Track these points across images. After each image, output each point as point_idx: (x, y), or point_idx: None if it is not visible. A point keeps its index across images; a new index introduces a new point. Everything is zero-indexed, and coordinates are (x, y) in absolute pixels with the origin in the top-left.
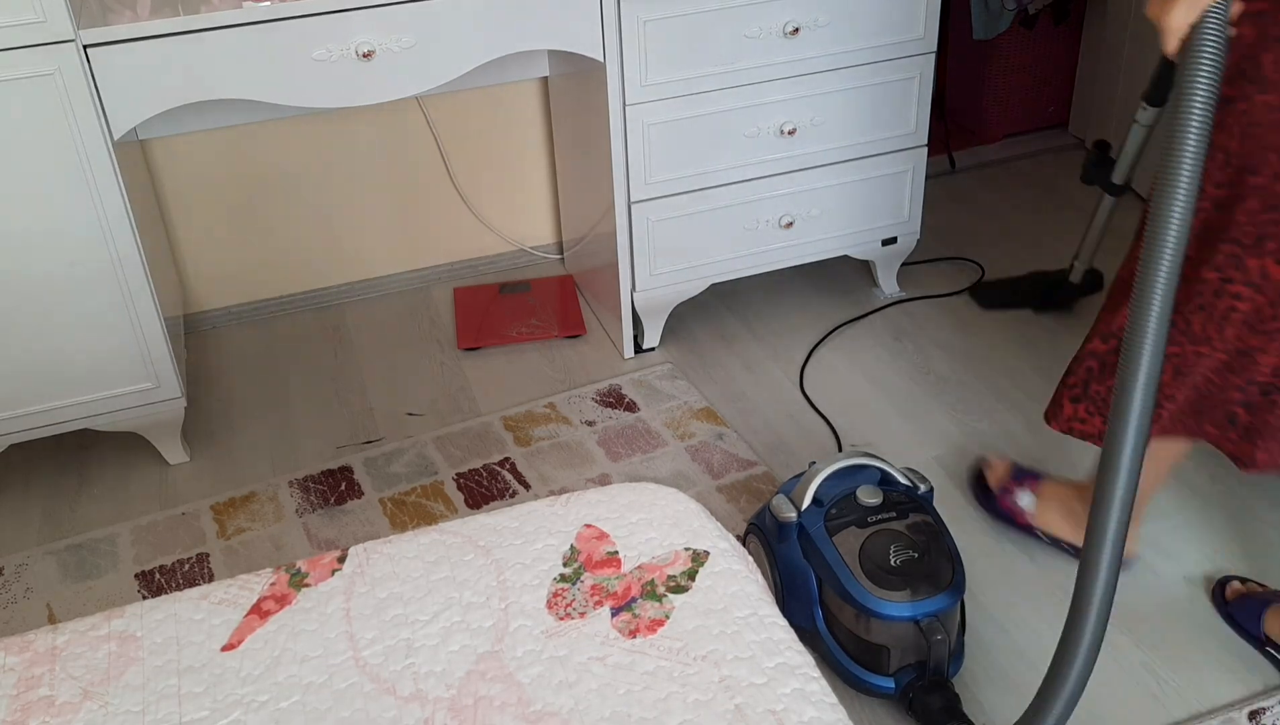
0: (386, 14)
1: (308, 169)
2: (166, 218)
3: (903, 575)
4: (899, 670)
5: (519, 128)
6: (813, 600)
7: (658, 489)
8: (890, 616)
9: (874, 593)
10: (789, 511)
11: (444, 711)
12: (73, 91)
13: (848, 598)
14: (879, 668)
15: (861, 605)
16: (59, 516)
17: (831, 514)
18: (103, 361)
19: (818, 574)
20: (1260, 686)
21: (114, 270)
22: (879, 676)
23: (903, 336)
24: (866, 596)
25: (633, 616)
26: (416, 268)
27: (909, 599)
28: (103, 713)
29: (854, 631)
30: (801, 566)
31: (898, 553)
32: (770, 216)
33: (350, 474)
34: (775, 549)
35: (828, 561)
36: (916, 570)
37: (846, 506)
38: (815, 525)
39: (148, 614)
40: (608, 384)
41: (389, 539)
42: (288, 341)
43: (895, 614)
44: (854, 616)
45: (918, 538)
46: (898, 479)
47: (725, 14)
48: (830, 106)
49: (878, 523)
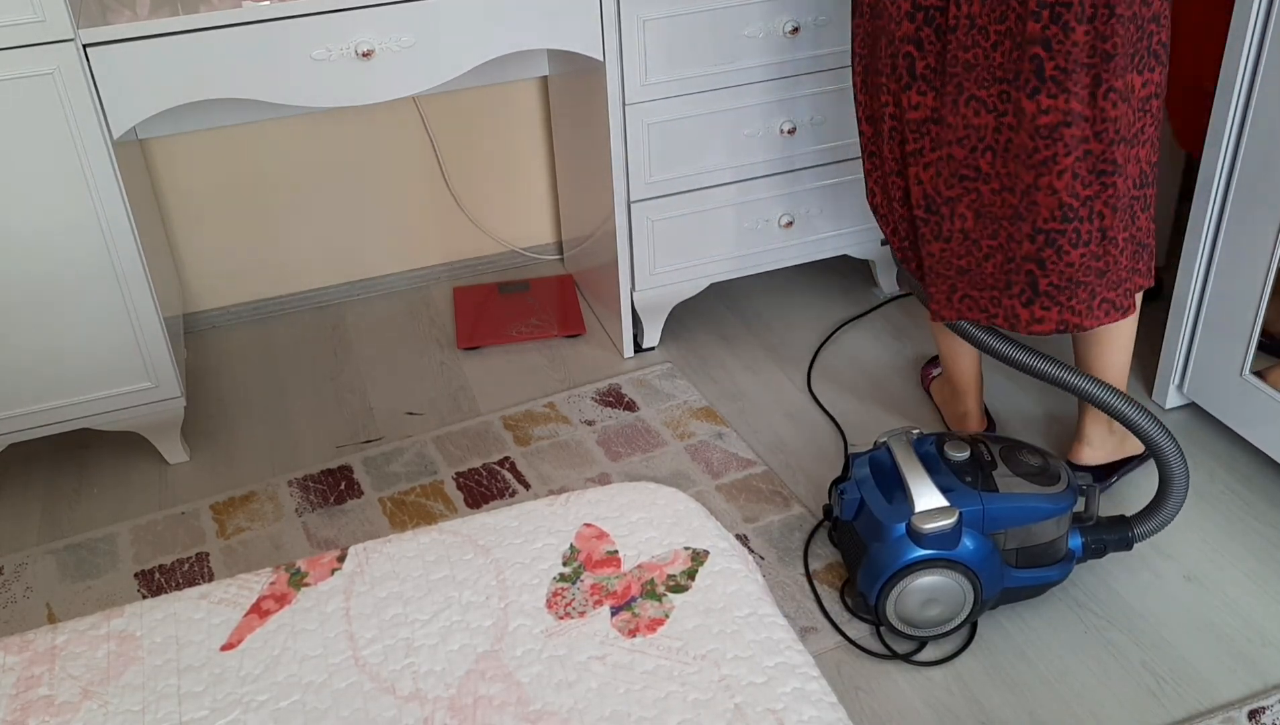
0: (386, 13)
1: (307, 169)
2: (166, 218)
3: (1044, 465)
4: (1068, 538)
5: (518, 127)
6: (999, 564)
7: (657, 488)
8: (1074, 497)
9: (1064, 490)
10: (946, 517)
11: (443, 711)
12: (72, 91)
13: (1055, 513)
14: (1064, 552)
15: (1067, 508)
16: (58, 516)
17: (970, 482)
18: (102, 361)
19: (1002, 533)
20: (1260, 685)
21: (114, 270)
22: (1068, 560)
23: (903, 335)
24: (1064, 498)
25: (632, 616)
26: (416, 267)
27: (1066, 473)
28: (102, 712)
29: (1053, 539)
30: (981, 544)
31: (1029, 457)
32: (770, 216)
33: (350, 473)
34: (953, 557)
35: (1024, 506)
36: (1040, 455)
37: (965, 468)
38: (980, 499)
39: (147, 613)
40: (607, 383)
41: (388, 538)
42: (288, 341)
43: (1074, 491)
44: (1055, 524)
45: (1006, 442)
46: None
47: (725, 13)
48: (830, 106)
49: (992, 456)
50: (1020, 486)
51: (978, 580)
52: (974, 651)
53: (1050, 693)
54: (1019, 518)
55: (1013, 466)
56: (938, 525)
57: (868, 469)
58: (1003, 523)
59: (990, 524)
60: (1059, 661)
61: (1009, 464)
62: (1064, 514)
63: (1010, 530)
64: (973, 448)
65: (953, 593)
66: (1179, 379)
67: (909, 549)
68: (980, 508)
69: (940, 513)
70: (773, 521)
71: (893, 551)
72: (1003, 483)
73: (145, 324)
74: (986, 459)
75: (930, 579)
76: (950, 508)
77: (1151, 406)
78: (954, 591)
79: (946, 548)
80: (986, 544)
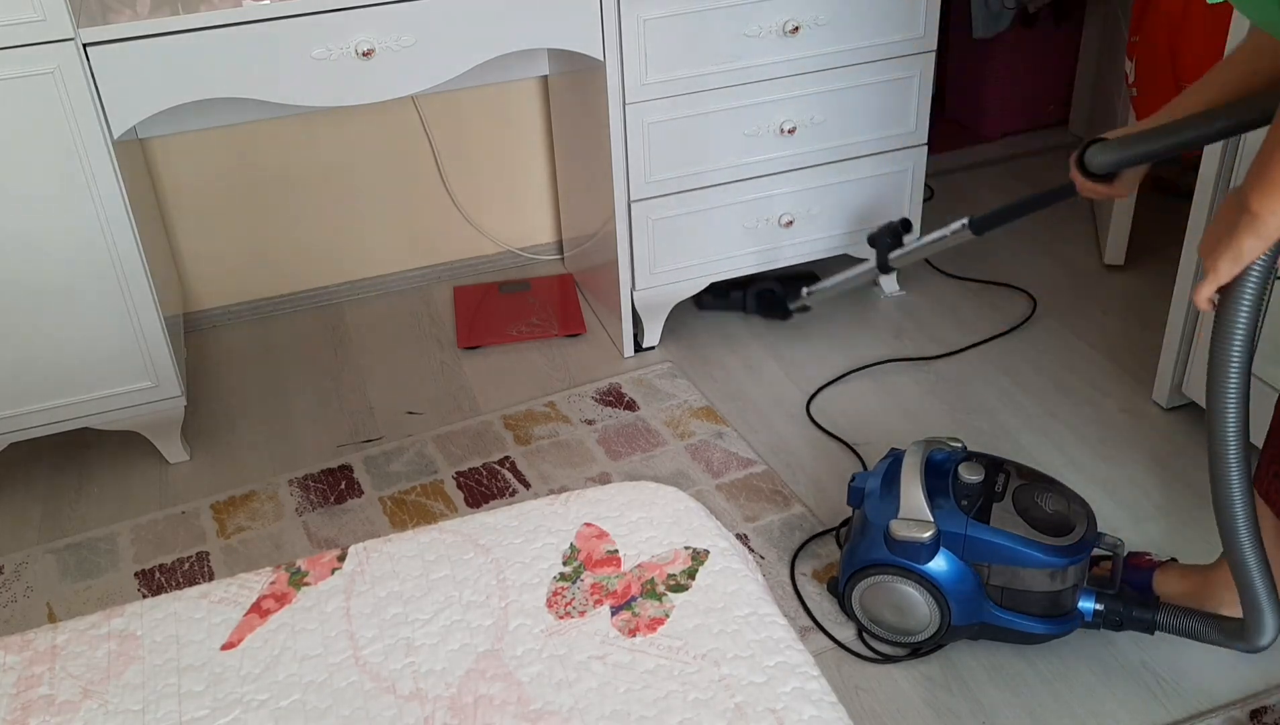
0: (386, 13)
1: (308, 168)
2: (166, 217)
3: (1063, 514)
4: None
5: (519, 126)
6: (981, 594)
7: (657, 488)
8: (1084, 555)
9: (1064, 544)
10: (921, 530)
11: (444, 710)
12: (72, 90)
13: (1046, 564)
14: (1067, 609)
15: (1061, 564)
16: (59, 515)
17: (964, 506)
18: (103, 360)
19: (985, 566)
20: (1262, 685)
21: (114, 269)
22: (1069, 619)
23: (903, 335)
24: (1062, 553)
25: (632, 615)
26: (416, 267)
27: (1085, 529)
28: (102, 711)
29: (1049, 591)
30: (959, 569)
31: (1045, 500)
32: (770, 215)
33: (350, 473)
34: (920, 570)
35: (1009, 547)
36: (1066, 504)
37: (968, 491)
38: (965, 525)
39: (148, 613)
40: (607, 383)
41: (389, 538)
42: (288, 341)
43: (1087, 550)
44: (1050, 577)
45: (1035, 478)
46: (946, 444)
47: (725, 12)
48: (830, 105)
49: (1004, 489)
50: (1014, 525)
51: (945, 603)
52: (974, 651)
53: (1050, 693)
54: (1003, 556)
55: (1019, 504)
56: (911, 536)
57: (885, 466)
58: (985, 555)
59: (971, 553)
60: (1059, 661)
61: (1017, 501)
62: (1059, 568)
63: (994, 566)
64: (989, 474)
65: (917, 606)
66: (1179, 379)
67: (879, 550)
68: (963, 533)
69: (918, 524)
70: (773, 521)
71: (866, 547)
72: (998, 516)
73: (145, 323)
74: (996, 489)
75: (897, 586)
76: (928, 522)
77: (1151, 407)
78: (919, 605)
79: (916, 559)
80: (966, 571)
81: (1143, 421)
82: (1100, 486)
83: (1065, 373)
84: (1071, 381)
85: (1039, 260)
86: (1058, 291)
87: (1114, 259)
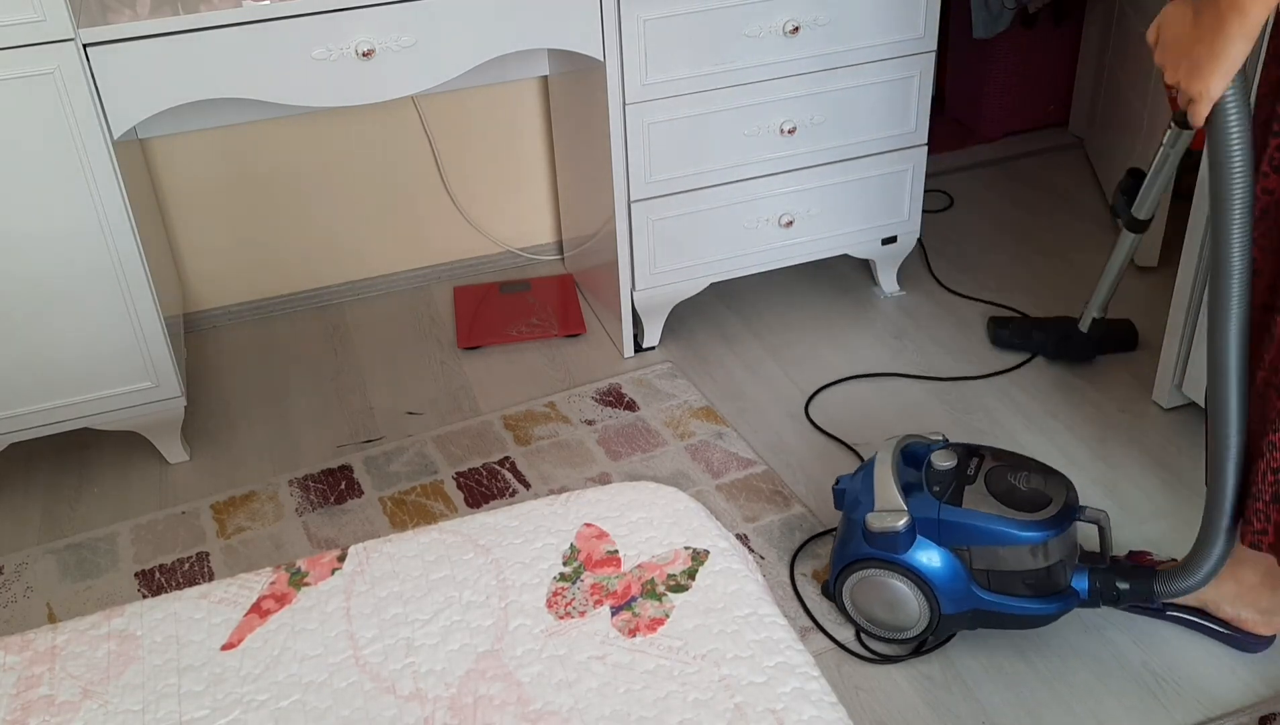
0: (386, 13)
1: (308, 168)
2: (166, 217)
3: (1040, 490)
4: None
5: (519, 126)
6: (967, 579)
7: (657, 488)
8: (1062, 528)
9: (1039, 519)
10: (895, 519)
11: (444, 710)
12: (72, 90)
13: (1022, 540)
14: (1059, 585)
15: (1038, 538)
16: (59, 516)
17: (936, 491)
18: (102, 361)
19: (965, 548)
20: (1267, 691)
21: (114, 270)
22: (1063, 597)
23: (903, 335)
24: (1037, 527)
25: (632, 615)
26: (416, 267)
27: (1064, 503)
28: (102, 711)
29: (1034, 568)
30: (940, 556)
31: (1020, 479)
32: (770, 215)
33: (350, 473)
34: (900, 560)
35: (982, 526)
36: (1043, 480)
37: (940, 477)
38: (938, 509)
39: (147, 613)
40: (607, 383)
41: (389, 538)
42: (288, 341)
43: (1065, 523)
44: (1030, 553)
45: (1011, 459)
46: (927, 438)
47: (725, 13)
48: (830, 105)
49: (976, 471)
50: (987, 505)
51: (932, 592)
52: (974, 651)
53: (1050, 693)
54: (978, 536)
55: (991, 485)
56: (886, 526)
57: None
58: (962, 538)
59: (948, 537)
60: (1059, 661)
61: (989, 482)
62: (1037, 543)
63: (975, 549)
64: (962, 461)
65: (905, 599)
66: (1179, 379)
67: (860, 545)
68: (935, 518)
69: (892, 515)
70: (773, 521)
71: (849, 545)
72: (970, 498)
73: (146, 323)
74: (968, 473)
75: (883, 580)
76: (901, 511)
77: (1151, 406)
78: (907, 598)
79: (894, 550)
80: (947, 557)
81: (1143, 421)
82: (1100, 486)
83: (1065, 372)
84: (1072, 381)
85: (1039, 261)
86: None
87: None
